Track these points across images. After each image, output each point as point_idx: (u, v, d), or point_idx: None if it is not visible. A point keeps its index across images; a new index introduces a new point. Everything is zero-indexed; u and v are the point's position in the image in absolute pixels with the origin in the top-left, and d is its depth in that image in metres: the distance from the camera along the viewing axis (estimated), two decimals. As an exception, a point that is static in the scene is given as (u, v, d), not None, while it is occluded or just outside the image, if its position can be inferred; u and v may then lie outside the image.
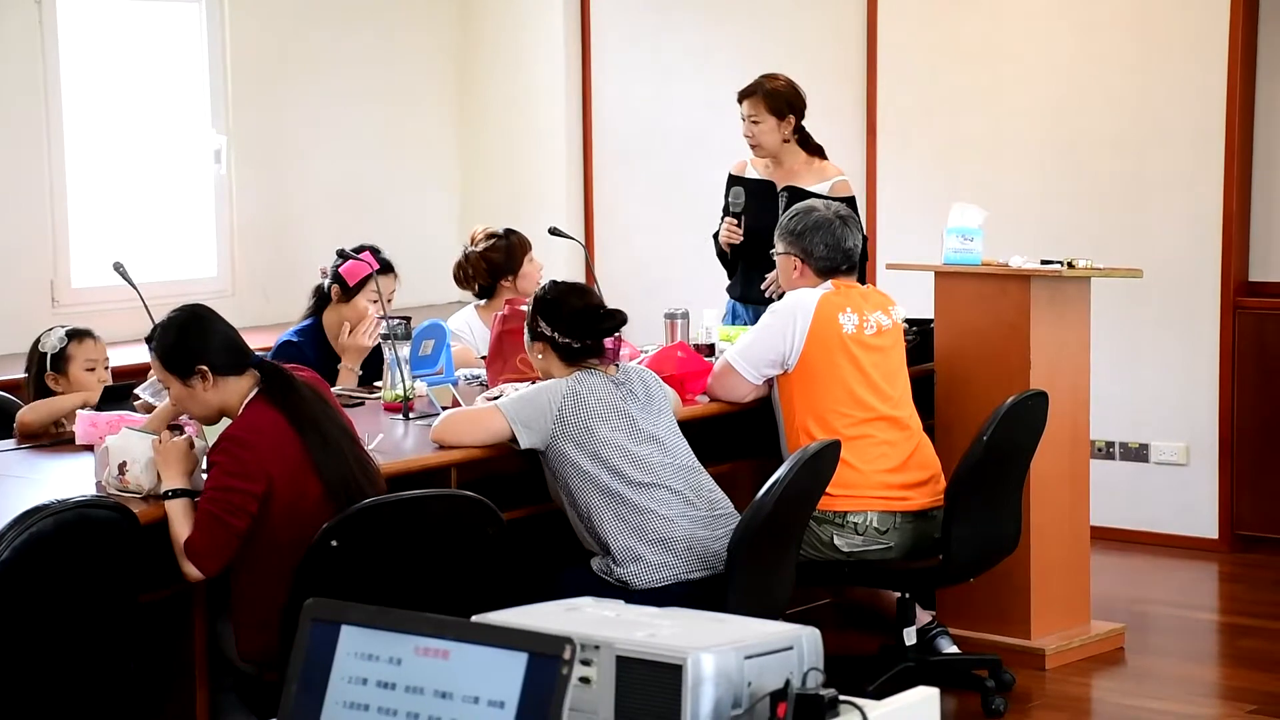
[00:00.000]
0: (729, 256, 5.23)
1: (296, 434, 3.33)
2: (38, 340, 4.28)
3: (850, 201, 5.08)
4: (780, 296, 4.50)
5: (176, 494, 3.33)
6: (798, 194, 5.00)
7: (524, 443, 3.79)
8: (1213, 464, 5.90)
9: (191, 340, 3.37)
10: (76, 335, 4.26)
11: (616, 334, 3.92)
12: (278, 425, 3.33)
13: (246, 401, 3.37)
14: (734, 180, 5.26)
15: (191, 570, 3.30)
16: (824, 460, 3.84)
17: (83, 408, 4.03)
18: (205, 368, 3.37)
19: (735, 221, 5.12)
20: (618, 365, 3.91)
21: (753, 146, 5.16)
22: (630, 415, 3.82)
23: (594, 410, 3.78)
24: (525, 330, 3.93)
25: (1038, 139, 6.12)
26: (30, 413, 4.12)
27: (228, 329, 3.44)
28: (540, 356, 3.90)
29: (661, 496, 3.79)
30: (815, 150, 5.20)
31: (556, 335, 3.85)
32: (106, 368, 4.29)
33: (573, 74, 6.97)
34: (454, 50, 7.11)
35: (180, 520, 3.31)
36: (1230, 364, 5.86)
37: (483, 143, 7.11)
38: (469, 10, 7.11)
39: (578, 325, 3.85)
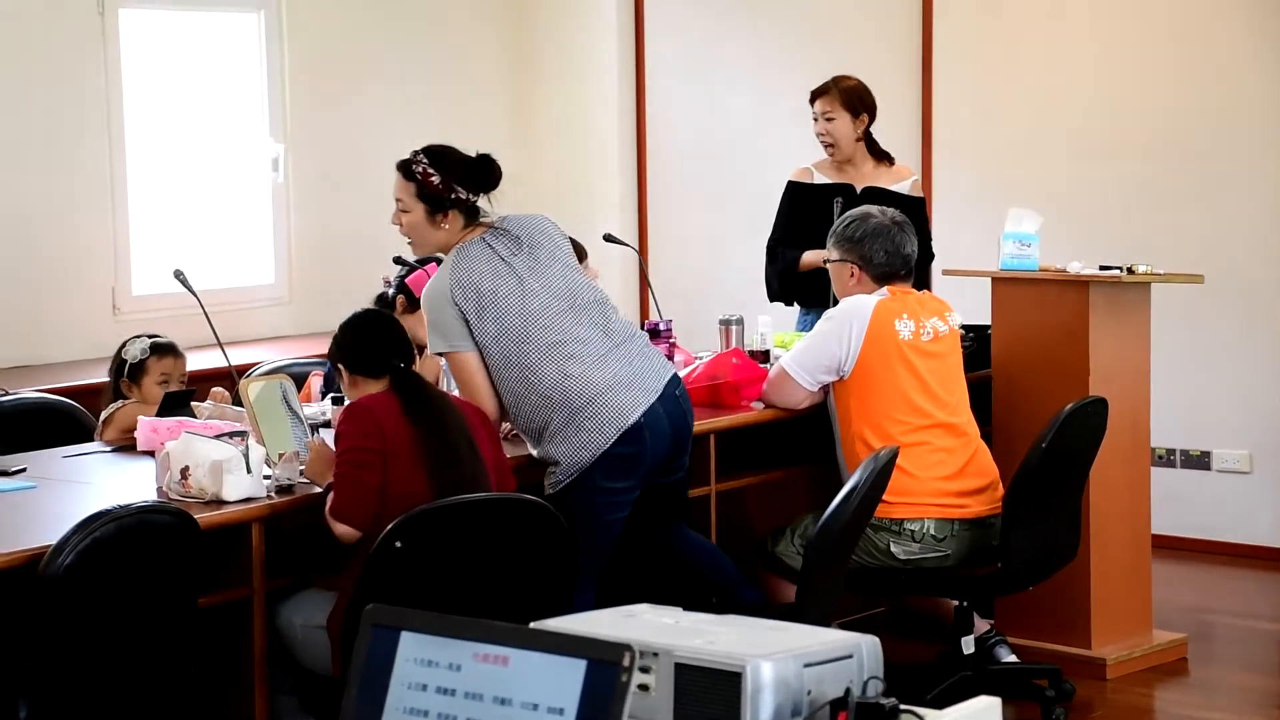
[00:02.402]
0: (794, 275, 5.07)
1: (412, 426, 3.45)
2: (124, 345, 4.35)
3: (923, 202, 5.06)
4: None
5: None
6: (880, 195, 4.95)
7: (469, 347, 3.73)
8: (1276, 472, 5.83)
9: (342, 340, 3.66)
10: (158, 350, 4.32)
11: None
12: (398, 414, 3.46)
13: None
14: (796, 188, 5.12)
15: (343, 530, 3.42)
16: (892, 468, 3.84)
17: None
18: (341, 365, 3.65)
19: None
20: (491, 222, 3.82)
21: (828, 146, 5.06)
22: (517, 273, 3.77)
23: (481, 286, 3.73)
24: (420, 202, 3.76)
25: (1096, 143, 6.07)
26: (118, 421, 4.18)
27: (381, 336, 3.61)
28: (446, 226, 3.79)
29: (573, 351, 3.74)
30: (883, 156, 5.15)
31: (471, 196, 3.78)
32: (181, 382, 4.31)
33: (626, 81, 6.97)
34: (509, 59, 7.13)
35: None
36: (1293, 370, 5.79)
37: (538, 150, 7.13)
38: (524, 19, 7.14)
39: (481, 177, 3.80)
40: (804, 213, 5.09)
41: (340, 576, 3.48)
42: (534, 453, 3.82)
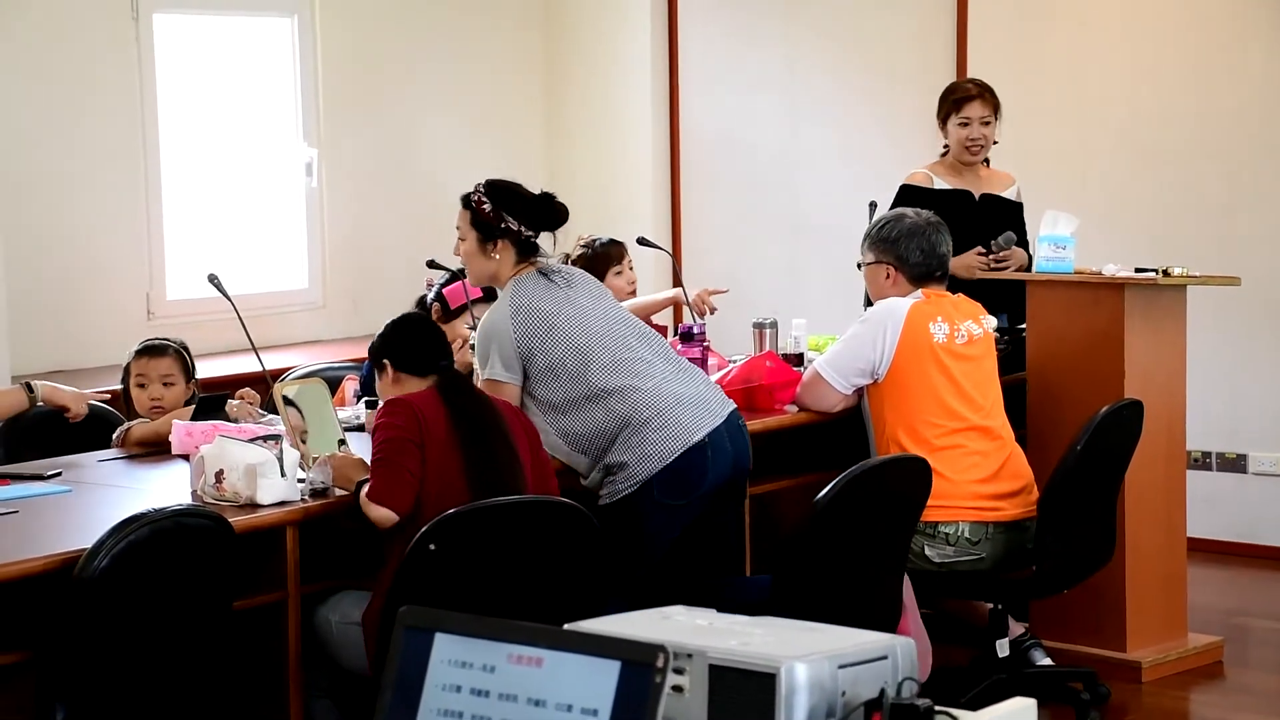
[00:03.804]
0: None
1: (451, 424, 3.46)
2: None
3: (1023, 207, 5.03)
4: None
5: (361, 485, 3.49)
6: (995, 202, 4.95)
7: (511, 379, 3.76)
8: (1313, 475, 5.79)
9: (390, 338, 3.66)
10: (139, 351, 4.29)
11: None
12: (440, 413, 3.47)
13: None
14: (916, 193, 4.88)
15: (381, 513, 3.40)
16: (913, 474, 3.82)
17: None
18: (387, 361, 3.63)
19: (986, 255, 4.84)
20: (542, 260, 3.86)
21: (977, 150, 4.95)
22: (576, 301, 3.82)
23: (544, 309, 3.77)
24: (473, 230, 3.82)
25: (1131, 146, 6.04)
26: (130, 438, 4.18)
27: (429, 337, 3.65)
28: (497, 257, 3.83)
29: (640, 369, 3.79)
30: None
31: (522, 228, 3.82)
32: (166, 384, 4.23)
33: (659, 86, 6.97)
34: (542, 63, 7.14)
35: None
36: (1331, 372, 5.75)
37: (571, 154, 7.13)
38: (556, 24, 7.14)
39: (538, 214, 3.85)
40: None
41: (377, 572, 3.49)
42: (595, 469, 3.80)
